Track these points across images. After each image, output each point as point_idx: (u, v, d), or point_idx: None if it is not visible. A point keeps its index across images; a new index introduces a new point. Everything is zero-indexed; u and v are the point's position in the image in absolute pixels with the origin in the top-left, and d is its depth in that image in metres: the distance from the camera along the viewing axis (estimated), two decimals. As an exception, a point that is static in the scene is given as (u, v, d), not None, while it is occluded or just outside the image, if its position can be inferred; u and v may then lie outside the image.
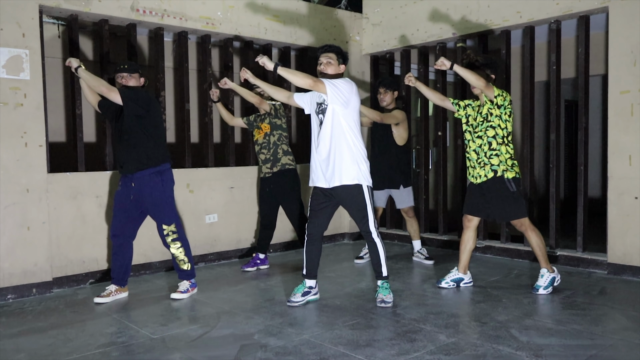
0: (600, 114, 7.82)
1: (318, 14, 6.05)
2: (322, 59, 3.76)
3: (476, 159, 4.05)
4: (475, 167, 4.06)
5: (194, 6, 5.05)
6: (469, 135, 4.09)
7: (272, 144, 4.81)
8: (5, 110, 4.06)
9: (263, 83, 4.03)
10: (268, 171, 4.85)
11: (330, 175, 3.70)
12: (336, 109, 3.64)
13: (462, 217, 4.26)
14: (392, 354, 2.93)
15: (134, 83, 3.98)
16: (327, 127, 3.68)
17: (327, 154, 3.69)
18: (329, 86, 3.55)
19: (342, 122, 3.66)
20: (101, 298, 3.98)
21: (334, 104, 3.61)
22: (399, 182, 5.08)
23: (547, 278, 4.04)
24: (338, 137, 3.66)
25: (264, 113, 4.84)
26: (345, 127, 3.66)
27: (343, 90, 3.60)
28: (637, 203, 4.40)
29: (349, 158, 3.67)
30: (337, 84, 3.60)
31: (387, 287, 3.86)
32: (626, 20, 4.41)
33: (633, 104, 4.39)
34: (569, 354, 2.88)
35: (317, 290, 3.97)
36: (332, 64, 3.74)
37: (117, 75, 3.98)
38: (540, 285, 4.03)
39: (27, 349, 3.12)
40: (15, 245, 4.11)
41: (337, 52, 3.78)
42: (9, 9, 4.06)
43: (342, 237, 6.45)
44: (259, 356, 2.93)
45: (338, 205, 3.88)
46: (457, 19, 5.50)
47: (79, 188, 4.48)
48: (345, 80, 3.67)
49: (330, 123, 3.67)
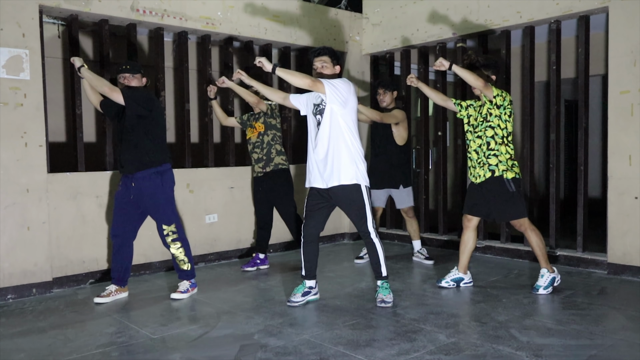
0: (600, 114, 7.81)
1: (318, 14, 6.05)
2: (317, 64, 3.75)
3: (476, 159, 4.05)
4: (476, 167, 4.07)
5: (194, 6, 5.05)
6: (470, 135, 4.09)
7: (265, 143, 4.82)
8: (5, 110, 4.06)
9: (258, 84, 4.00)
10: (260, 171, 4.86)
11: (329, 175, 3.69)
12: (334, 109, 3.64)
13: (462, 217, 4.26)
14: (392, 354, 2.93)
15: (136, 83, 3.98)
16: (325, 127, 3.67)
17: (325, 154, 3.69)
18: (327, 86, 3.56)
19: (340, 122, 3.66)
20: (101, 298, 3.98)
21: (333, 103, 3.61)
22: (398, 182, 5.08)
23: (547, 278, 4.04)
24: (336, 137, 3.66)
25: (259, 112, 4.84)
26: (343, 127, 3.66)
27: (341, 89, 3.60)
28: (637, 203, 4.40)
29: (347, 158, 3.66)
30: (336, 83, 3.60)
31: (387, 287, 3.86)
32: (626, 20, 4.41)
33: (633, 104, 4.39)
34: (569, 354, 2.88)
35: (317, 290, 3.96)
36: (327, 66, 3.74)
37: (120, 76, 3.98)
38: (540, 285, 4.03)
39: (27, 349, 3.12)
40: (15, 245, 4.11)
41: (331, 53, 3.77)
42: (9, 9, 4.06)
43: (342, 237, 6.45)
44: (259, 356, 2.93)
45: (334, 206, 3.87)
46: (457, 19, 5.50)
47: (79, 188, 4.48)
48: (343, 80, 3.67)
49: (328, 123, 3.66)
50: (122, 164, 3.97)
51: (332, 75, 3.75)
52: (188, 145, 5.23)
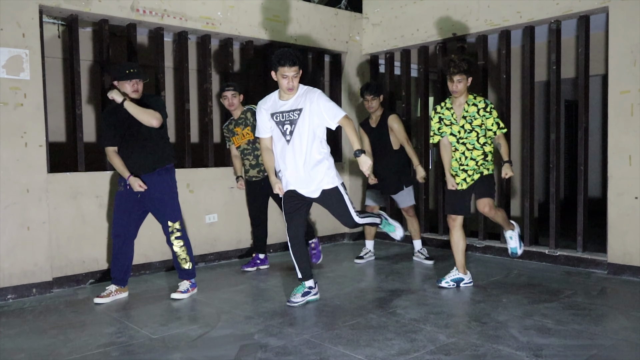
0: (600, 114, 7.82)
1: (318, 14, 6.05)
2: (289, 73, 3.60)
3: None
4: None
5: (194, 6, 5.05)
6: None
7: (258, 150, 4.78)
8: (5, 110, 4.06)
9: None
10: (256, 175, 4.85)
11: (311, 184, 3.73)
12: (314, 121, 3.68)
13: (447, 217, 4.29)
14: (392, 354, 2.93)
15: (141, 88, 3.99)
16: (302, 137, 3.68)
17: (303, 163, 3.71)
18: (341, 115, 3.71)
19: (316, 132, 3.71)
20: (101, 298, 3.98)
21: (319, 120, 3.69)
22: (400, 186, 5.09)
23: (515, 237, 4.34)
24: (312, 145, 3.70)
25: (240, 118, 4.82)
26: (318, 134, 3.72)
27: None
28: (637, 203, 4.40)
29: (325, 164, 3.74)
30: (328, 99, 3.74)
31: (388, 223, 4.22)
32: (626, 20, 4.41)
33: (633, 104, 4.39)
34: (569, 354, 2.88)
35: (317, 290, 3.96)
36: (298, 76, 3.68)
37: (130, 81, 3.88)
38: (515, 246, 4.33)
39: (27, 349, 3.12)
40: (15, 245, 4.11)
41: (300, 63, 3.68)
42: (9, 9, 4.06)
43: (342, 237, 6.45)
44: (259, 356, 2.93)
45: (311, 203, 3.90)
46: (457, 19, 5.49)
47: (79, 188, 4.48)
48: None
49: (305, 132, 3.68)
50: (132, 166, 3.95)
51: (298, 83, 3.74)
52: (188, 145, 5.23)
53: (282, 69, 3.58)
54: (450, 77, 4.01)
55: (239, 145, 4.88)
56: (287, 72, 3.59)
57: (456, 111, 4.10)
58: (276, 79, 3.67)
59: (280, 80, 3.64)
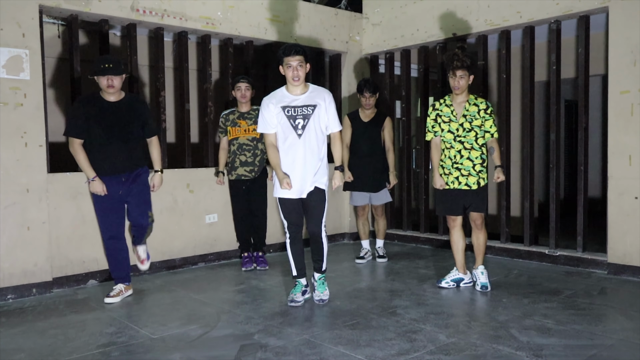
0: (600, 114, 7.82)
1: (318, 14, 6.05)
2: (293, 62, 3.64)
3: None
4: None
5: (194, 6, 5.05)
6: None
7: (259, 150, 4.80)
8: (5, 110, 4.06)
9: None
10: (246, 174, 4.85)
11: (311, 179, 3.76)
12: (324, 120, 3.77)
13: (446, 218, 4.28)
14: (392, 354, 2.93)
15: (118, 83, 3.86)
16: (310, 132, 3.72)
17: (312, 157, 3.75)
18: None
19: (324, 130, 3.81)
20: (111, 298, 4.00)
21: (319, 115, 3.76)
22: (383, 184, 5.13)
23: (485, 272, 4.22)
24: (321, 141, 3.78)
25: (248, 111, 4.84)
26: (325, 132, 3.82)
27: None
28: (637, 203, 4.40)
29: (325, 162, 3.83)
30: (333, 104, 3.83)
31: (324, 281, 3.98)
32: (626, 20, 4.41)
33: (633, 104, 4.39)
34: (569, 354, 2.88)
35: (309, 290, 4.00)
36: (303, 66, 3.70)
37: (105, 77, 3.80)
38: (485, 282, 4.16)
39: (27, 349, 3.12)
40: (15, 245, 4.11)
41: (305, 54, 3.71)
42: (9, 9, 4.06)
43: (342, 237, 6.45)
44: (259, 356, 2.93)
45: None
46: (457, 19, 5.50)
47: (79, 188, 4.48)
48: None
49: (318, 128, 3.75)
50: (115, 165, 3.94)
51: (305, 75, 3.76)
52: (188, 145, 5.23)
53: (286, 58, 3.65)
54: (452, 72, 3.98)
55: (236, 137, 4.85)
56: (291, 61, 3.64)
57: (456, 109, 4.09)
58: (284, 73, 3.73)
59: (286, 72, 3.69)
